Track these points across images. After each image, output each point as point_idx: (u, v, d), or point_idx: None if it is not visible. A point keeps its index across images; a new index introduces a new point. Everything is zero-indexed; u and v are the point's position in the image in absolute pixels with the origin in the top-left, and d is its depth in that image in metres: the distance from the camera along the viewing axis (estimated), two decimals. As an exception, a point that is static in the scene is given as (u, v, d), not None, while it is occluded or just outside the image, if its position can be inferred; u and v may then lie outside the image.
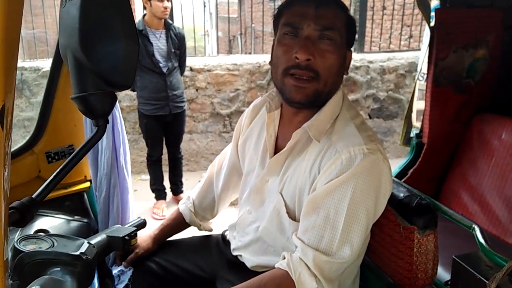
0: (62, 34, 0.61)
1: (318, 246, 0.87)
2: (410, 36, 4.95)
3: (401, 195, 1.02)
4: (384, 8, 5.16)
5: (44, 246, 0.81)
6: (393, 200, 1.00)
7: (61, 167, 0.61)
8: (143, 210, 3.20)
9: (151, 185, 3.26)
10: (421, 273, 1.00)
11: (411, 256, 0.99)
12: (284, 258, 0.91)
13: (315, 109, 0.96)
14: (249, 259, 1.10)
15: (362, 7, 4.27)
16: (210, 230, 1.33)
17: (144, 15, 2.88)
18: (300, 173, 0.95)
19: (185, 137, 3.58)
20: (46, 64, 3.65)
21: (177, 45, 2.95)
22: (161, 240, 1.26)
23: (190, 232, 1.33)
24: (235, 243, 1.15)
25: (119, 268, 1.18)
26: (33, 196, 0.59)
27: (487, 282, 0.88)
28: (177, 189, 3.34)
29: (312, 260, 0.86)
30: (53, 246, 0.81)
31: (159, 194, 3.27)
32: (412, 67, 4.09)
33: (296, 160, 0.97)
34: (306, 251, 0.87)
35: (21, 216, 0.57)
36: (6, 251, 0.46)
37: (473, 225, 1.06)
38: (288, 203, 0.98)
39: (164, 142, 3.17)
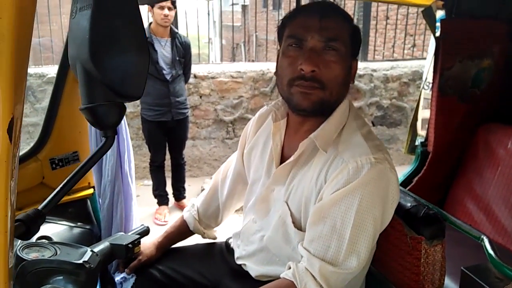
0: (72, 44, 0.60)
1: (325, 256, 0.86)
2: (413, 45, 4.96)
3: (408, 204, 1.00)
4: (387, 17, 5.18)
5: (47, 254, 0.80)
6: (400, 209, 0.98)
7: (68, 178, 0.60)
8: (145, 215, 3.20)
9: (154, 190, 3.26)
10: (428, 284, 0.98)
11: (418, 266, 0.97)
12: (290, 268, 0.90)
13: (321, 118, 0.95)
14: (254, 269, 1.09)
15: (365, 17, 4.29)
16: (214, 238, 1.32)
17: (151, 23, 2.91)
18: (306, 183, 0.94)
19: (188, 143, 3.58)
20: (51, 70, 3.67)
21: (182, 54, 2.97)
22: (164, 247, 1.25)
23: (194, 240, 1.32)
24: (239, 252, 1.14)
25: (121, 275, 1.17)
26: (39, 208, 0.59)
27: (496, 294, 0.87)
28: (179, 195, 3.34)
29: (318, 270, 0.85)
30: (56, 254, 0.80)
31: (162, 199, 3.27)
32: (415, 76, 4.10)
33: (302, 169, 0.97)
34: (312, 261, 0.86)
35: (27, 228, 0.56)
36: (11, 260, 0.46)
37: (482, 236, 1.05)
38: (294, 213, 0.97)
39: (167, 148, 3.17)
